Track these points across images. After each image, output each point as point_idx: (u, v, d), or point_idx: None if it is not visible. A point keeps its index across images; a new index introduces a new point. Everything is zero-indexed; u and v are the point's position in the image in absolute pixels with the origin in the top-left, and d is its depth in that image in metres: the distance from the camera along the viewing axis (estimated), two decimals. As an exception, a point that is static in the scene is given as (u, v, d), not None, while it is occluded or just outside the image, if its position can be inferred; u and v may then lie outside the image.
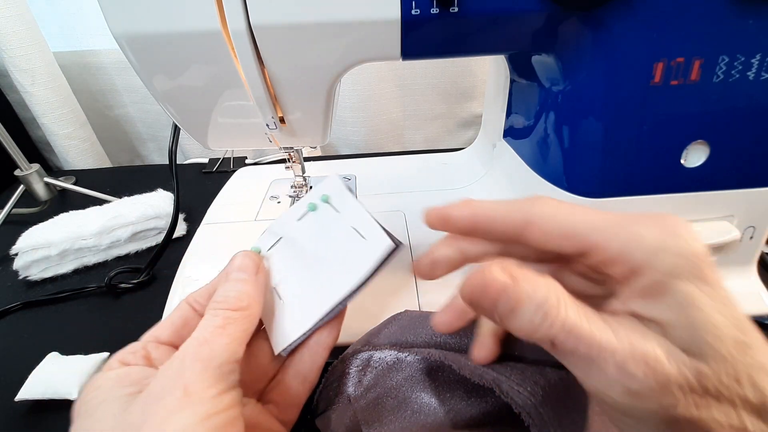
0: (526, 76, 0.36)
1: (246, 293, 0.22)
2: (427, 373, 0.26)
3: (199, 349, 0.19)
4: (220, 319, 0.21)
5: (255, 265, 0.24)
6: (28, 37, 0.59)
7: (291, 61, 0.27)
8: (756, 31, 0.25)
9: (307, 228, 0.26)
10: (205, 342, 0.20)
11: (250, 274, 0.24)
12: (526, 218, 0.18)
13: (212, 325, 0.20)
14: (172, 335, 0.23)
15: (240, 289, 0.23)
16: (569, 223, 0.17)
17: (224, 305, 0.21)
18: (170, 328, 0.23)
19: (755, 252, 0.33)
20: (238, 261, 0.25)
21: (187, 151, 0.76)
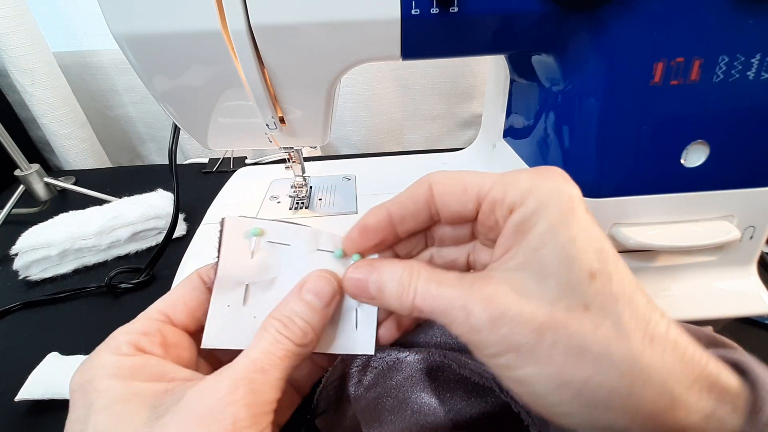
0: (526, 76, 0.36)
1: (312, 328, 0.20)
2: (427, 373, 0.26)
3: (254, 376, 0.18)
4: (282, 350, 0.19)
5: (331, 295, 0.21)
6: (28, 37, 0.59)
7: (291, 61, 0.27)
8: (756, 31, 0.25)
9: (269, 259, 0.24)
10: (261, 371, 0.18)
11: (324, 304, 0.21)
12: (427, 191, 0.20)
13: (273, 353, 0.19)
14: (187, 317, 0.21)
15: (309, 319, 0.20)
16: (461, 181, 0.20)
17: (288, 334, 0.19)
18: (184, 309, 0.21)
19: (755, 252, 0.33)
20: (316, 284, 0.21)
21: (187, 151, 0.76)
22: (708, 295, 0.32)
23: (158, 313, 0.21)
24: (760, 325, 0.38)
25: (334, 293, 0.21)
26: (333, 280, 0.22)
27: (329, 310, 0.21)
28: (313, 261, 0.23)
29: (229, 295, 0.22)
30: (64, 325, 0.39)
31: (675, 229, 0.31)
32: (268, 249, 0.23)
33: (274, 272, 0.23)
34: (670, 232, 0.30)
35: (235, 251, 0.23)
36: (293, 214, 0.44)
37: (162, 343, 0.20)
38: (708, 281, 0.33)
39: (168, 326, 0.20)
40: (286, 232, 0.23)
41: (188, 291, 0.22)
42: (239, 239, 0.23)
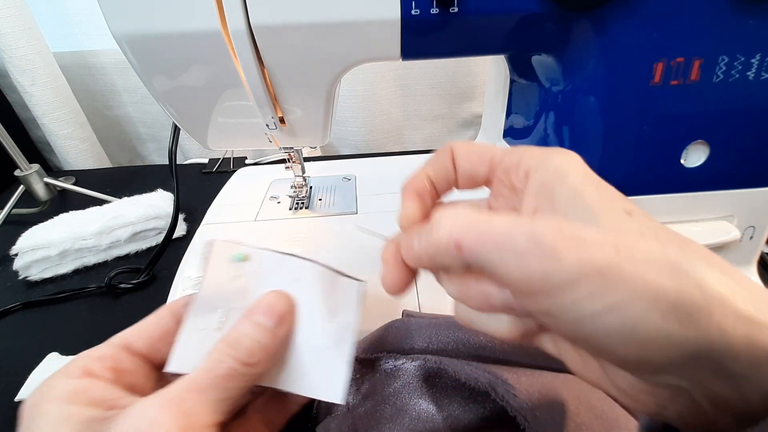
0: (526, 76, 0.36)
1: (261, 347, 0.19)
2: (424, 380, 0.26)
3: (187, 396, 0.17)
4: (224, 368, 0.18)
5: (282, 313, 0.21)
6: (28, 37, 0.59)
7: (291, 61, 0.27)
8: (756, 31, 0.25)
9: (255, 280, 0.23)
10: (197, 390, 0.17)
11: (274, 323, 0.20)
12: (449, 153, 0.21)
13: (214, 372, 0.18)
14: (146, 346, 0.21)
15: (257, 338, 0.19)
16: (477, 146, 0.21)
17: (233, 352, 0.19)
18: (145, 337, 0.21)
19: (755, 252, 0.33)
20: (267, 304, 0.21)
21: (187, 151, 0.76)
22: (708, 295, 0.32)
23: (119, 338, 0.21)
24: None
25: (286, 313, 0.21)
26: (287, 299, 0.21)
27: (281, 331, 0.21)
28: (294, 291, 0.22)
29: (204, 318, 0.21)
30: (64, 325, 0.39)
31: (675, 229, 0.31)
32: (250, 276, 0.23)
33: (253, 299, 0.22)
34: (670, 232, 0.30)
35: (218, 276, 0.22)
36: (293, 214, 0.44)
37: (114, 368, 0.19)
38: (708, 281, 0.33)
39: (124, 353, 0.20)
40: (270, 260, 0.23)
41: (152, 320, 0.22)
42: (224, 264, 0.23)
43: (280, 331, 0.21)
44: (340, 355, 0.22)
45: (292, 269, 0.23)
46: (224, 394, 0.18)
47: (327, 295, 0.23)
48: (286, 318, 0.21)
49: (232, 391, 0.18)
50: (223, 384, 0.18)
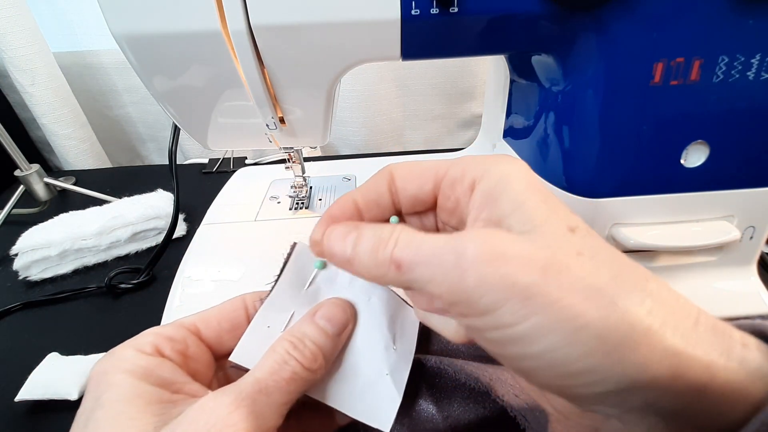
0: (526, 76, 0.36)
1: (323, 353, 0.19)
2: (424, 380, 0.26)
3: (258, 398, 0.17)
4: (289, 372, 0.18)
5: (344, 322, 0.21)
6: (28, 37, 0.59)
7: (291, 61, 0.27)
8: (756, 31, 0.25)
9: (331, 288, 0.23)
10: (264, 392, 0.17)
11: (336, 330, 0.20)
12: (388, 175, 0.20)
13: (279, 374, 0.18)
14: (214, 335, 0.21)
15: (319, 343, 0.19)
16: (418, 165, 0.20)
17: (298, 355, 0.18)
18: (214, 325, 0.21)
19: (755, 252, 0.33)
20: (329, 310, 0.21)
21: (187, 151, 0.76)
22: (708, 295, 0.32)
23: (190, 323, 0.20)
24: (760, 325, 0.37)
25: (347, 321, 0.21)
26: (347, 308, 0.21)
27: (341, 339, 0.21)
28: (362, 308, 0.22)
29: (273, 316, 0.21)
30: (64, 325, 0.39)
31: (675, 229, 0.31)
32: (325, 284, 0.23)
33: None
34: (670, 233, 0.30)
35: (295, 277, 0.23)
36: (293, 214, 0.44)
37: (182, 352, 0.19)
38: (708, 281, 0.33)
39: (194, 338, 0.20)
40: (346, 273, 0.22)
41: (226, 311, 0.21)
42: (302, 267, 0.23)
43: (340, 339, 0.20)
44: (396, 383, 0.21)
45: (366, 287, 0.23)
46: (287, 398, 0.17)
47: (392, 320, 0.23)
48: (347, 327, 0.21)
49: (293, 395, 0.18)
50: (286, 388, 0.18)
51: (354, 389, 0.21)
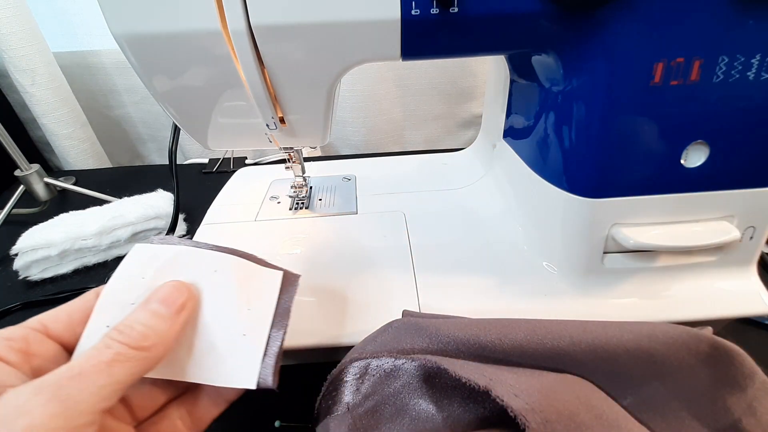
0: (526, 76, 0.36)
1: (156, 332, 0.19)
2: (424, 380, 0.26)
3: (66, 383, 0.16)
4: (110, 353, 0.17)
5: (182, 302, 0.21)
6: (28, 37, 0.59)
7: (291, 61, 0.27)
8: (756, 31, 0.25)
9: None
10: (77, 376, 0.16)
11: (172, 311, 0.20)
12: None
13: (98, 357, 0.17)
14: (65, 329, 0.20)
15: (151, 324, 0.19)
16: None
17: (123, 338, 0.18)
18: (64, 320, 0.20)
19: (755, 252, 0.33)
20: (163, 292, 0.21)
21: (187, 151, 0.76)
22: (708, 295, 0.32)
23: (36, 321, 0.20)
24: (760, 326, 0.38)
25: (185, 300, 0.21)
26: (185, 288, 0.21)
27: (180, 318, 0.20)
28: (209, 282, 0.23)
29: (111, 314, 0.21)
30: (64, 325, 0.39)
31: (675, 229, 0.31)
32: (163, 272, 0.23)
33: None
34: (670, 233, 0.30)
35: (129, 272, 0.23)
36: (293, 214, 0.44)
37: (21, 350, 0.19)
38: (708, 281, 0.33)
39: (39, 335, 0.19)
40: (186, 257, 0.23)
41: (77, 304, 0.21)
42: (138, 262, 0.23)
43: (178, 318, 0.20)
44: (253, 341, 0.22)
45: (209, 262, 0.23)
46: (108, 380, 0.17)
47: (244, 286, 0.23)
48: (186, 305, 0.21)
49: (121, 376, 0.17)
50: (107, 370, 0.17)
51: (211, 359, 0.21)
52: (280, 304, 0.24)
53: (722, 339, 0.26)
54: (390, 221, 0.42)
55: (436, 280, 0.35)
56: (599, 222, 0.31)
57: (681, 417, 0.25)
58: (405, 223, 0.42)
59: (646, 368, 0.25)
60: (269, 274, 0.25)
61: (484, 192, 0.45)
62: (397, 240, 0.39)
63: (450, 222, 0.42)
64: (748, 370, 0.25)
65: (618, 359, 0.25)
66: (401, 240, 0.39)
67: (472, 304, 0.33)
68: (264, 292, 0.24)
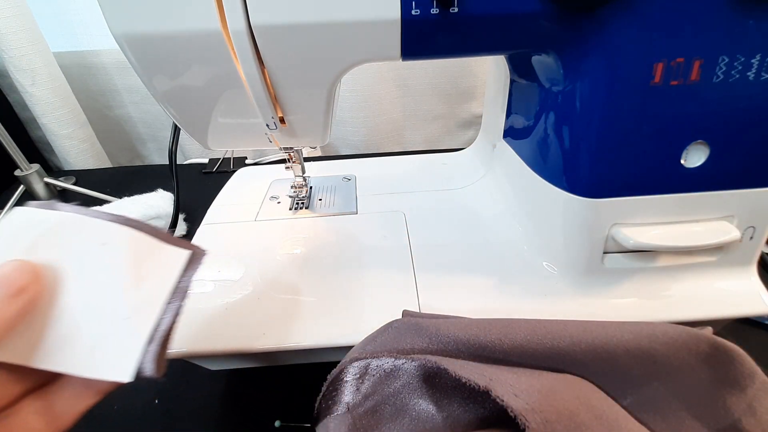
0: (526, 76, 0.36)
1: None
2: (424, 380, 0.26)
3: None
4: None
5: (21, 285, 0.18)
6: (28, 37, 0.59)
7: (291, 61, 0.27)
8: (756, 31, 0.25)
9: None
10: None
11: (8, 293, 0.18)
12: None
13: None
14: None
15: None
16: None
17: None
18: None
19: (755, 252, 0.33)
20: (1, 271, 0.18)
21: (187, 151, 0.76)
22: (708, 295, 0.32)
23: None
24: (760, 326, 0.38)
25: (25, 284, 0.18)
26: (29, 269, 0.18)
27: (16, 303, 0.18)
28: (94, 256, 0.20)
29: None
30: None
31: (675, 229, 0.31)
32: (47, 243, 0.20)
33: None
34: (670, 233, 0.30)
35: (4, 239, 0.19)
36: (293, 214, 0.44)
37: None
38: (708, 281, 0.33)
39: None
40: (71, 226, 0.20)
41: None
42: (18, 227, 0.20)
43: (14, 302, 0.18)
44: (137, 326, 0.19)
45: (98, 234, 0.20)
46: None
47: (137, 263, 0.20)
48: (27, 289, 0.18)
49: None
50: None
51: (82, 347, 0.19)
52: (179, 284, 0.21)
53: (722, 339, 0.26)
54: (390, 221, 0.42)
55: (436, 280, 0.35)
56: (599, 222, 0.31)
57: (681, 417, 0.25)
58: (405, 223, 0.42)
59: (646, 368, 0.25)
60: (172, 252, 0.22)
61: (484, 192, 0.45)
62: (397, 240, 0.39)
63: (450, 222, 0.42)
64: (748, 370, 0.25)
65: (618, 359, 0.25)
66: (401, 240, 0.39)
67: (472, 304, 0.33)
68: (161, 270, 0.21)
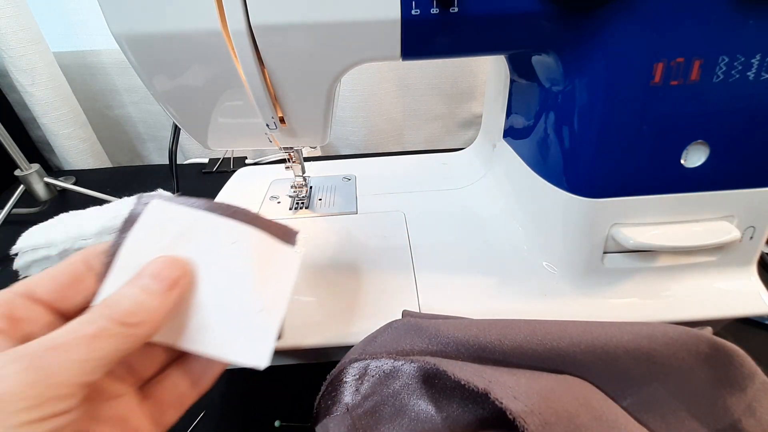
0: (526, 76, 0.36)
1: (145, 309, 0.18)
2: (423, 381, 0.26)
3: (44, 354, 0.15)
4: (94, 328, 0.17)
5: (174, 278, 0.20)
6: (28, 37, 0.59)
7: (291, 61, 0.27)
8: (756, 31, 0.25)
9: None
10: (59, 349, 0.16)
11: (163, 287, 0.19)
12: None
13: (81, 330, 0.17)
14: (53, 293, 0.19)
15: (140, 301, 0.18)
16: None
17: (109, 312, 0.18)
18: (51, 283, 0.19)
19: (755, 252, 0.33)
20: (153, 267, 0.20)
21: (187, 151, 0.76)
22: (708, 295, 0.32)
23: (21, 285, 0.19)
24: (760, 326, 0.38)
25: (178, 277, 0.20)
26: (179, 263, 0.20)
27: (172, 294, 0.20)
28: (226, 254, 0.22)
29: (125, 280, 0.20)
30: (64, 325, 0.39)
31: (675, 229, 0.31)
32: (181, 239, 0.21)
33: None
34: (670, 233, 0.30)
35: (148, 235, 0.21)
36: (293, 214, 0.44)
37: (7, 316, 0.18)
38: (708, 281, 0.33)
39: (23, 300, 0.19)
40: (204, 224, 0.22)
41: (62, 266, 0.20)
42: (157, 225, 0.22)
43: (170, 295, 0.19)
44: (269, 320, 0.21)
45: (228, 233, 0.23)
46: (92, 355, 0.16)
47: (262, 260, 0.23)
48: (179, 282, 0.20)
49: (104, 351, 0.17)
50: (90, 344, 0.16)
51: (223, 334, 0.21)
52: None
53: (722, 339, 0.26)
54: (390, 221, 0.42)
55: (436, 280, 0.35)
56: (599, 222, 0.31)
57: (681, 417, 0.25)
58: (405, 223, 0.42)
59: (645, 369, 0.25)
60: (286, 251, 0.24)
61: (484, 192, 0.45)
62: (397, 240, 0.39)
63: (450, 222, 0.42)
64: (747, 371, 0.25)
65: (618, 360, 0.25)
66: (401, 240, 0.39)
67: (472, 304, 0.33)
68: (281, 269, 0.24)
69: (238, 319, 0.21)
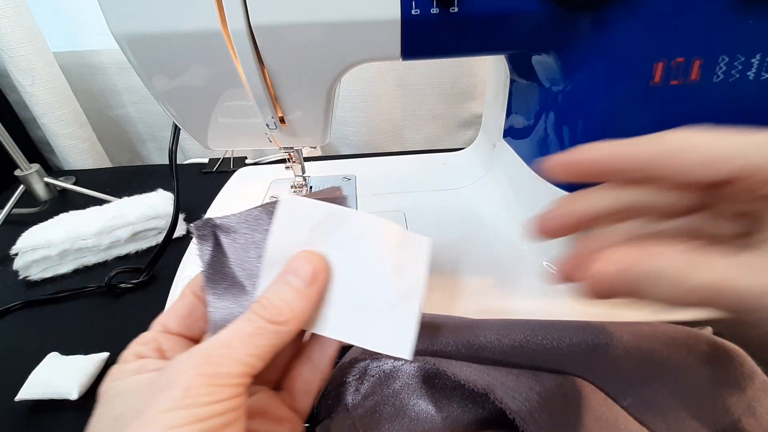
0: (526, 76, 0.36)
1: (290, 306, 0.20)
2: (423, 381, 0.26)
3: (217, 351, 0.18)
4: (252, 328, 0.19)
5: (313, 273, 0.21)
6: (28, 37, 0.59)
7: (291, 61, 0.27)
8: (756, 31, 0.25)
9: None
10: (225, 346, 0.19)
11: (305, 283, 0.21)
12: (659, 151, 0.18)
13: (243, 330, 0.19)
14: (180, 325, 0.23)
15: (286, 299, 0.20)
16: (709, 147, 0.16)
17: (263, 312, 0.20)
18: (175, 317, 0.23)
19: (755, 252, 0.33)
20: (295, 263, 0.21)
21: (187, 151, 0.76)
22: (708, 295, 0.32)
23: (157, 323, 0.23)
24: (760, 326, 0.37)
25: (316, 272, 0.21)
26: (314, 258, 0.22)
27: (312, 290, 0.21)
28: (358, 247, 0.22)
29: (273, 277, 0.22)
30: (64, 325, 0.39)
31: (675, 229, 0.31)
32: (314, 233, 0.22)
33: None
34: (670, 233, 0.30)
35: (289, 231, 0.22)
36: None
37: (157, 349, 0.21)
38: (708, 281, 0.33)
39: (163, 335, 0.22)
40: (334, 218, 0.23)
41: (179, 303, 0.23)
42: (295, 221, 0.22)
43: (311, 290, 0.21)
44: (408, 310, 0.22)
45: (360, 224, 0.23)
46: (253, 351, 0.19)
47: (394, 252, 0.23)
48: (318, 277, 0.21)
49: (262, 348, 0.19)
50: (250, 341, 0.19)
51: (365, 323, 0.22)
52: None
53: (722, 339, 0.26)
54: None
55: (436, 280, 0.35)
56: (599, 222, 0.31)
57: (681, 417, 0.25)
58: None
59: (645, 369, 0.25)
60: (417, 240, 0.24)
61: (484, 192, 0.45)
62: (397, 240, 0.39)
63: (450, 222, 0.42)
64: (748, 370, 0.25)
65: (618, 360, 0.25)
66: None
67: (472, 304, 0.33)
68: (413, 259, 0.23)
69: (378, 309, 0.22)
